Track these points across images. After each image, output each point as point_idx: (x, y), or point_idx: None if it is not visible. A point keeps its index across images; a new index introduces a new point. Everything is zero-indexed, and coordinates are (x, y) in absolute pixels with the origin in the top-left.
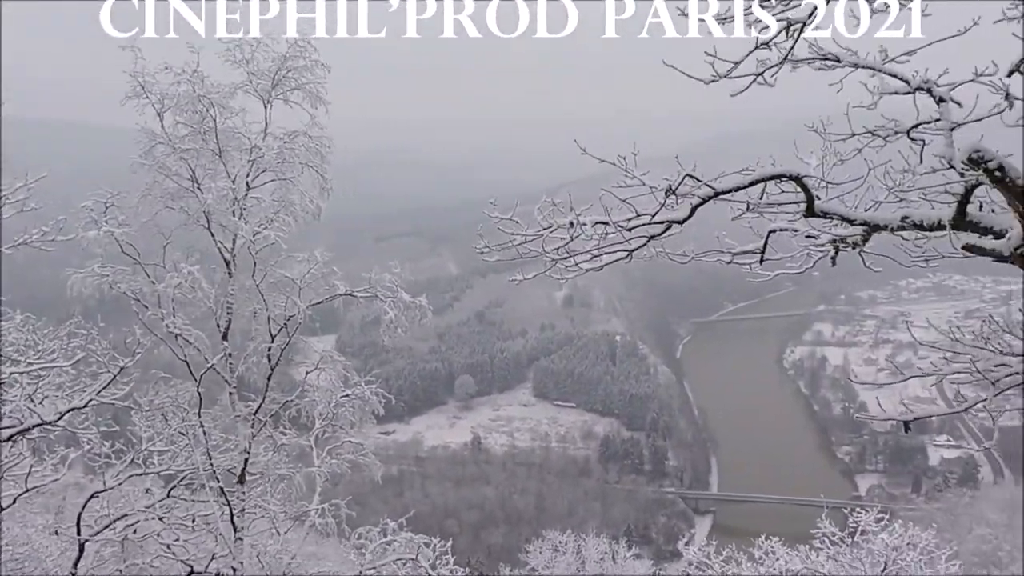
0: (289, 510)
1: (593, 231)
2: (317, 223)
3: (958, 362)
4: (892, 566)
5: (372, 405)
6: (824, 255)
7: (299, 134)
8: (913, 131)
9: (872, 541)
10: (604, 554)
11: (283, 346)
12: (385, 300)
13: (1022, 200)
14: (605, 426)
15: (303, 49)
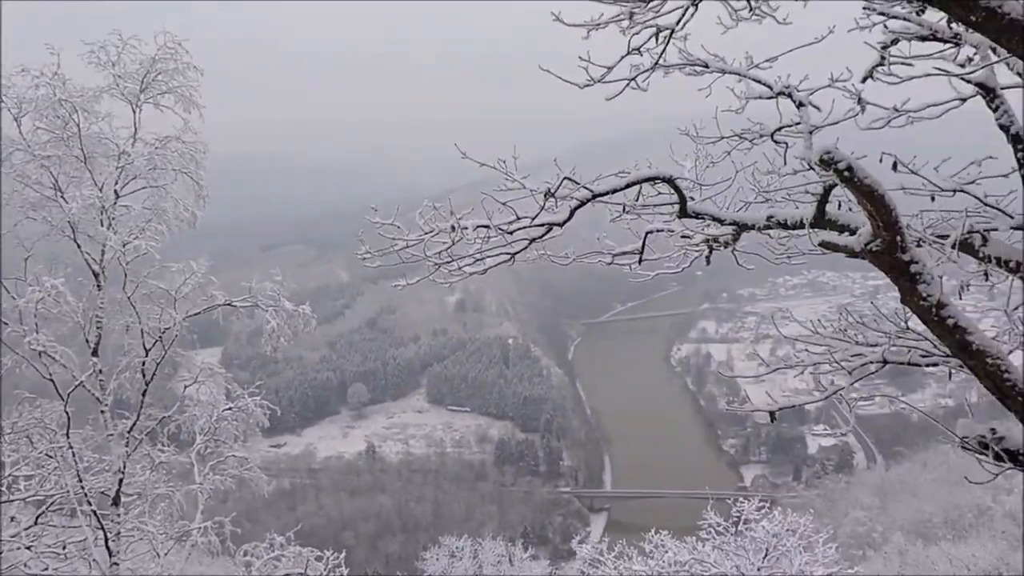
0: (170, 530)
1: (475, 235)
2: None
3: (818, 353)
4: (773, 552)
5: (257, 418)
6: (699, 255)
7: (171, 139)
8: (776, 134)
9: (754, 529)
10: (501, 557)
11: (158, 360)
12: (267, 309)
13: (869, 199)
14: (500, 429)
15: (173, 51)
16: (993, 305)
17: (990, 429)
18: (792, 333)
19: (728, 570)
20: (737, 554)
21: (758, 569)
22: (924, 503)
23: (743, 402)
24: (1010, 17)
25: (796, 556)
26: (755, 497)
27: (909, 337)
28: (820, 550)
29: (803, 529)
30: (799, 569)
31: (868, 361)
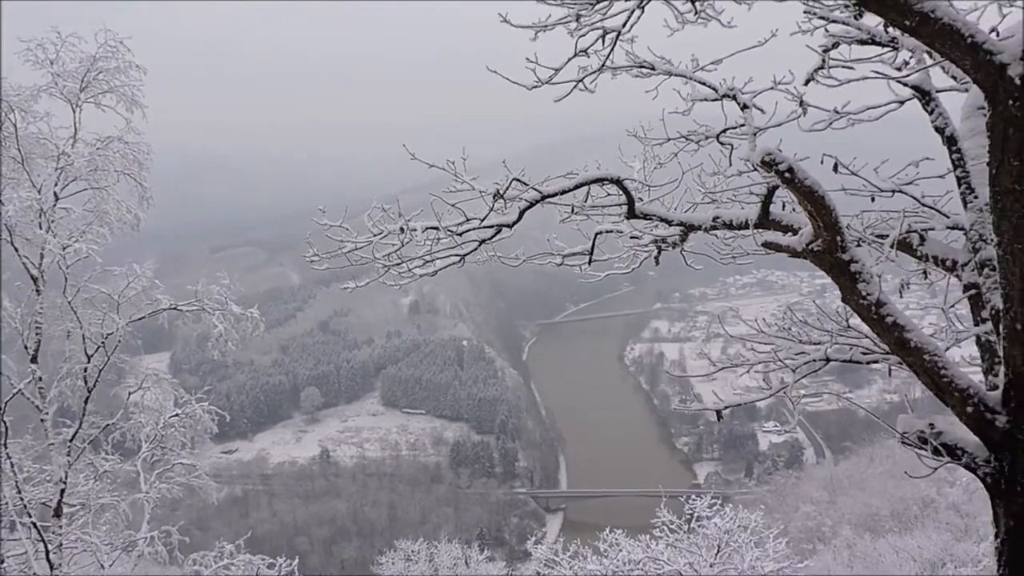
0: (115, 541)
1: (424, 236)
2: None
3: (764, 352)
4: (725, 548)
5: (205, 424)
6: (649, 255)
7: (113, 140)
8: (722, 136)
9: (707, 526)
10: (457, 560)
11: (101, 367)
12: (213, 313)
13: (810, 200)
14: (455, 431)
15: (115, 49)
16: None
17: (929, 424)
18: (741, 332)
19: (681, 567)
20: (690, 551)
21: (710, 565)
22: (871, 497)
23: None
24: (943, 22)
25: (747, 552)
26: (707, 494)
27: (851, 335)
28: (771, 545)
29: (754, 525)
30: (750, 564)
31: (812, 359)
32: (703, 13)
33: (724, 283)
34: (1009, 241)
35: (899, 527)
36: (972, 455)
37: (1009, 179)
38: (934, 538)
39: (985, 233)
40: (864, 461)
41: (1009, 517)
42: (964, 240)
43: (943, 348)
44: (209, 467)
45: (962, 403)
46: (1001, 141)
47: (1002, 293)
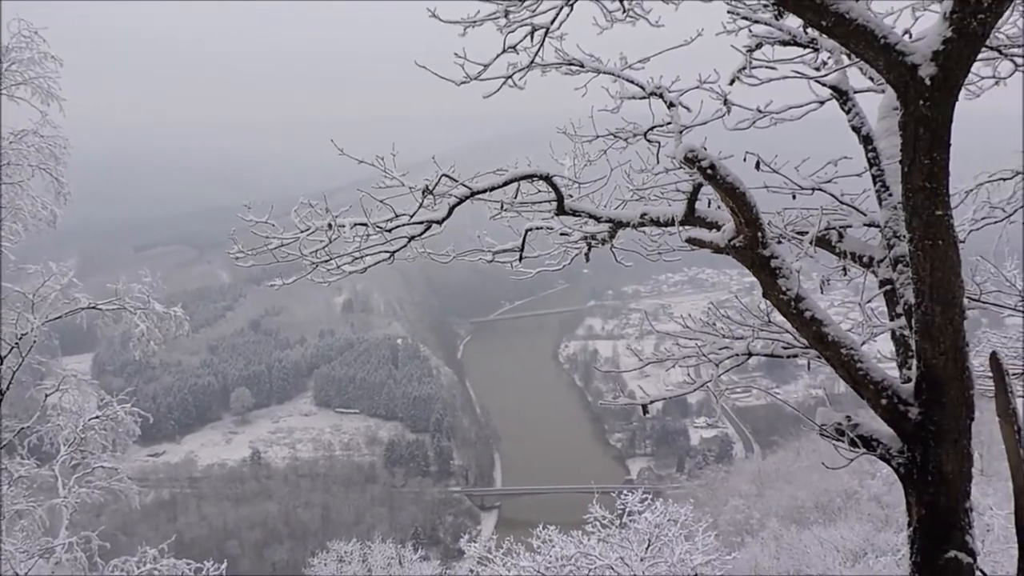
0: (31, 548)
1: (353, 233)
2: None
3: (689, 347)
4: (656, 542)
5: (127, 426)
6: (579, 252)
7: (28, 133)
8: (650, 134)
9: (638, 521)
10: (391, 559)
11: (15, 368)
12: (135, 312)
13: (731, 196)
14: (389, 430)
15: (29, 40)
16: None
17: (846, 417)
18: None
19: (613, 562)
20: (622, 546)
21: (641, 560)
22: (797, 489)
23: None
24: (857, 23)
25: (677, 545)
26: (639, 490)
27: (772, 330)
28: (700, 538)
29: (684, 519)
30: (680, 558)
31: (734, 353)
32: (631, 12)
33: (657, 280)
34: (920, 238)
35: (823, 519)
36: (887, 446)
37: (920, 177)
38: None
39: (899, 230)
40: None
41: (921, 506)
42: (880, 237)
43: (859, 342)
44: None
45: (877, 396)
46: (913, 140)
47: (914, 288)
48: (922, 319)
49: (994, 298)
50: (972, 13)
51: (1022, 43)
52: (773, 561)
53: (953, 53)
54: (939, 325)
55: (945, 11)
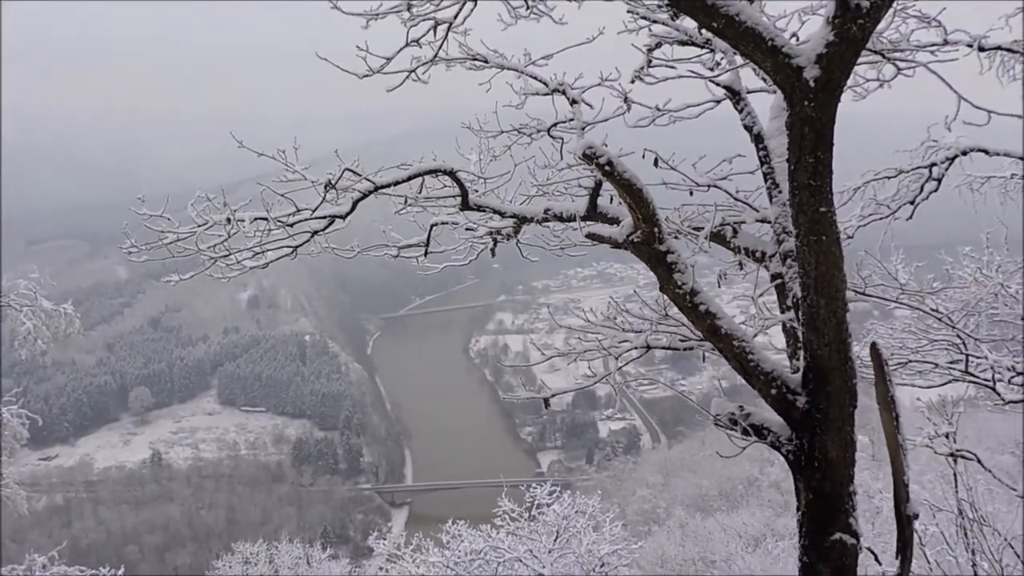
0: None
1: (253, 227)
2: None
3: (589, 341)
4: (564, 533)
5: (14, 429)
6: (485, 247)
7: None
8: (553, 130)
9: (546, 513)
10: (299, 559)
11: None
12: (20, 310)
13: (629, 192)
14: (297, 428)
15: None
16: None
17: (739, 407)
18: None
19: (521, 554)
20: (530, 538)
21: (549, 551)
22: (702, 478)
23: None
24: (747, 25)
25: (585, 536)
26: (547, 483)
27: (670, 323)
28: (607, 529)
29: (592, 510)
30: (587, 548)
31: (634, 347)
32: (535, 9)
33: (566, 275)
34: (805, 233)
35: (727, 506)
36: (777, 434)
37: (805, 175)
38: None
39: (787, 226)
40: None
41: (808, 491)
42: (771, 233)
43: (752, 335)
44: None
45: (767, 386)
46: (799, 139)
47: (800, 282)
48: (808, 311)
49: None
50: (852, 18)
51: (904, 48)
52: (679, 548)
53: (835, 56)
54: (823, 317)
55: (828, 16)
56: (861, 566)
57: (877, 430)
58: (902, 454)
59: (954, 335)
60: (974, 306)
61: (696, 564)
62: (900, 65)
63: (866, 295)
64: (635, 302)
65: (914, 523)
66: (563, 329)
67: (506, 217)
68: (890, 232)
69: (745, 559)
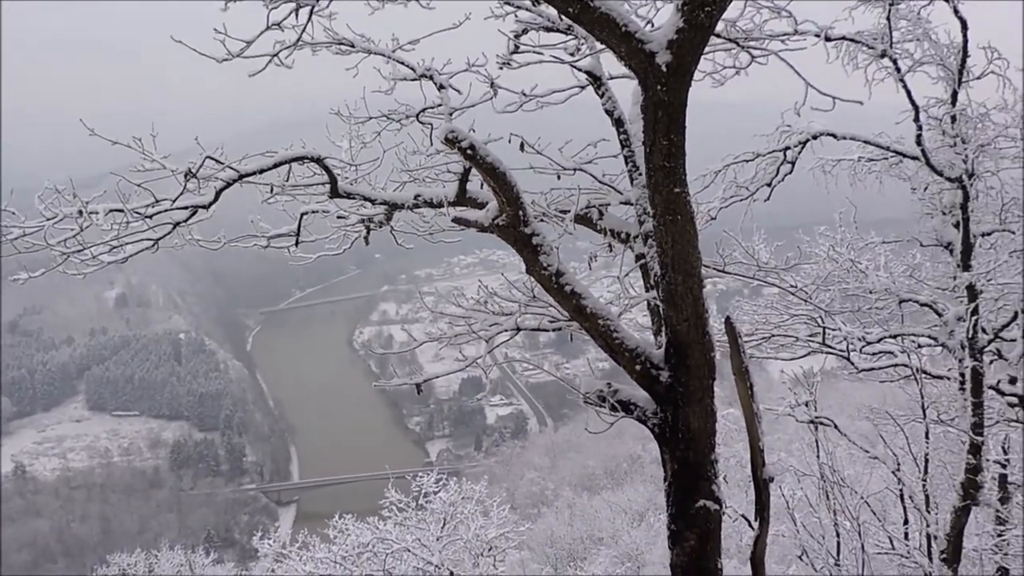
0: None
1: (109, 220)
2: None
3: (460, 326)
4: (451, 520)
5: None
6: (359, 235)
7: None
8: (422, 115)
9: (433, 501)
10: (180, 567)
11: None
12: None
13: (492, 176)
14: (175, 431)
15: None
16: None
17: (607, 384)
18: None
19: (409, 544)
20: (419, 527)
21: (437, 539)
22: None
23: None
24: (601, 11)
25: (473, 522)
26: (434, 471)
27: (538, 305)
28: (495, 513)
29: (478, 495)
30: (475, 533)
31: (503, 329)
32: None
33: (449, 263)
34: (661, 213)
35: (612, 484)
36: (643, 409)
37: (660, 157)
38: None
39: (647, 207)
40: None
41: (674, 461)
42: (634, 214)
43: (617, 314)
44: None
45: (632, 362)
46: (653, 123)
47: (659, 261)
48: (666, 288)
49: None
50: (700, 5)
51: (757, 36)
52: (567, 528)
53: (685, 42)
54: (681, 294)
55: (677, 3)
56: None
57: None
58: (757, 422)
59: (812, 309)
60: (827, 281)
61: (584, 542)
62: (754, 53)
63: (724, 272)
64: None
65: (770, 486)
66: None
67: (377, 204)
68: (751, 213)
69: (631, 534)
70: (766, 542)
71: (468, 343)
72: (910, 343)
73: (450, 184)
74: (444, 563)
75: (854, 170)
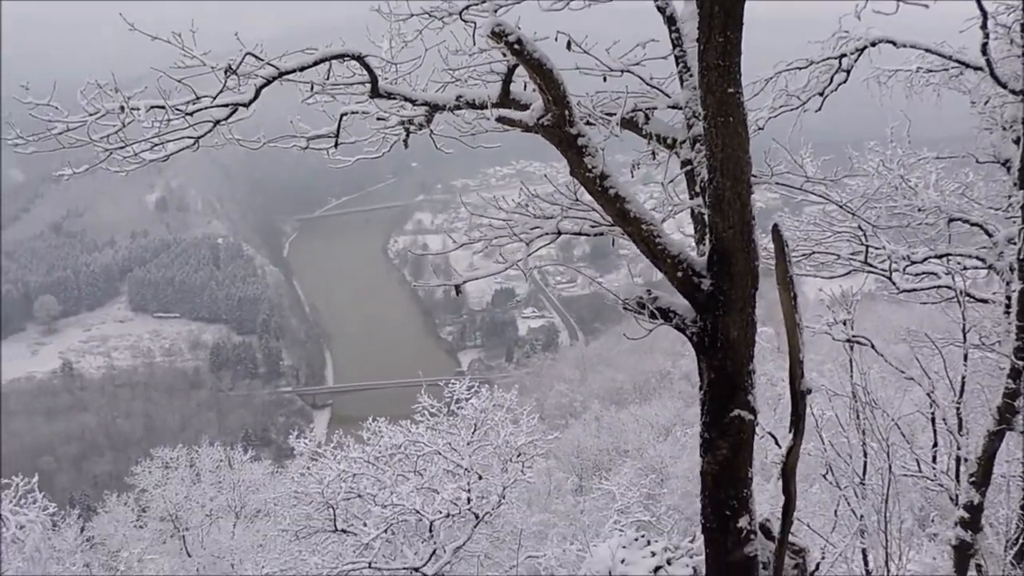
0: None
1: (150, 116)
2: None
3: (500, 228)
4: (482, 427)
5: None
6: (398, 138)
7: None
8: (465, 13)
9: (465, 408)
10: (220, 462)
11: None
12: None
13: (539, 73)
14: (214, 333)
15: None
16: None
17: (647, 291)
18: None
19: (440, 447)
20: (450, 432)
21: (467, 443)
22: (617, 372)
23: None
24: None
25: (503, 428)
26: (467, 378)
27: (580, 208)
28: (524, 421)
29: (509, 404)
30: (504, 440)
31: (544, 232)
32: None
33: (485, 174)
34: (713, 115)
35: (640, 398)
36: (682, 317)
37: (715, 55)
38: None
39: (698, 110)
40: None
41: (711, 370)
42: (682, 118)
43: (660, 219)
44: None
45: (673, 268)
46: (709, 18)
47: (707, 164)
48: (714, 193)
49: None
50: None
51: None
52: (594, 439)
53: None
54: (728, 199)
55: None
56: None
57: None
58: (798, 332)
59: (856, 226)
60: (874, 197)
61: (610, 453)
62: None
63: (773, 182)
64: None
65: (807, 398)
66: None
67: (417, 105)
68: (799, 125)
69: (656, 447)
70: (799, 453)
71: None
72: (955, 264)
73: (493, 85)
74: (473, 467)
75: (911, 82)
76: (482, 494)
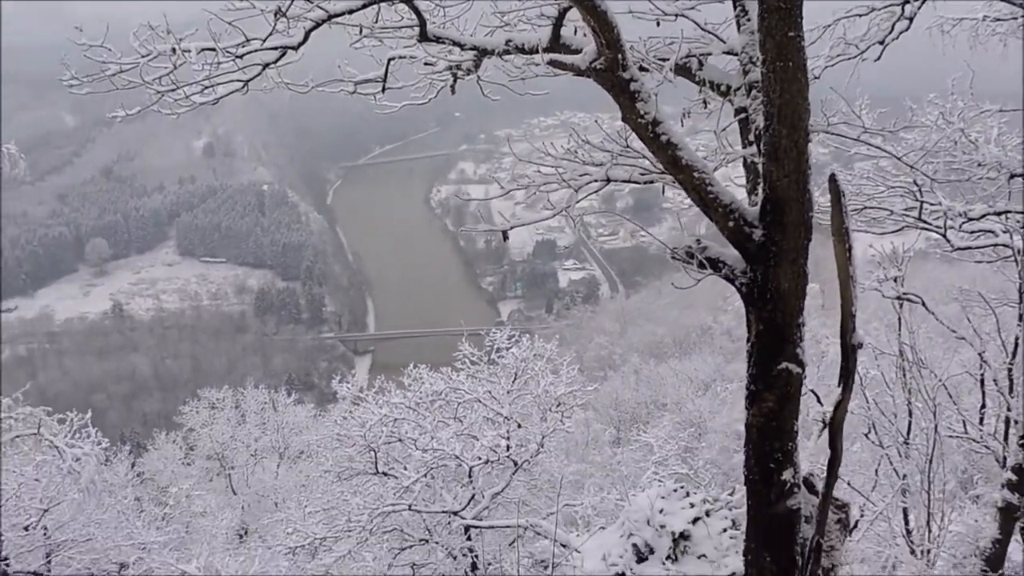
0: None
1: (200, 59)
2: None
3: (549, 174)
4: (522, 376)
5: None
6: (445, 84)
7: None
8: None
9: (505, 356)
10: (264, 404)
11: None
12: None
13: (593, 15)
14: (259, 278)
15: None
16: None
17: (696, 240)
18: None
19: (480, 395)
20: (490, 380)
21: (508, 392)
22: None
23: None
24: None
25: (543, 378)
26: (507, 327)
27: (630, 155)
28: (564, 372)
29: (549, 354)
30: (544, 389)
31: (593, 179)
32: None
33: (529, 124)
34: (772, 59)
35: (680, 353)
36: (731, 267)
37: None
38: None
39: (754, 55)
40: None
41: (760, 322)
42: (737, 64)
43: (712, 167)
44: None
45: (724, 218)
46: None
47: (764, 111)
48: (769, 141)
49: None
50: None
51: None
52: (632, 392)
53: None
54: (785, 147)
55: None
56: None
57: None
58: (852, 285)
59: (911, 182)
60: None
61: (648, 406)
62: None
63: (829, 132)
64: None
65: (857, 353)
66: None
67: (466, 50)
68: (857, 74)
69: (695, 402)
70: (847, 408)
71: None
72: (1014, 223)
73: (543, 29)
74: (513, 415)
75: (976, 31)
76: (521, 442)
